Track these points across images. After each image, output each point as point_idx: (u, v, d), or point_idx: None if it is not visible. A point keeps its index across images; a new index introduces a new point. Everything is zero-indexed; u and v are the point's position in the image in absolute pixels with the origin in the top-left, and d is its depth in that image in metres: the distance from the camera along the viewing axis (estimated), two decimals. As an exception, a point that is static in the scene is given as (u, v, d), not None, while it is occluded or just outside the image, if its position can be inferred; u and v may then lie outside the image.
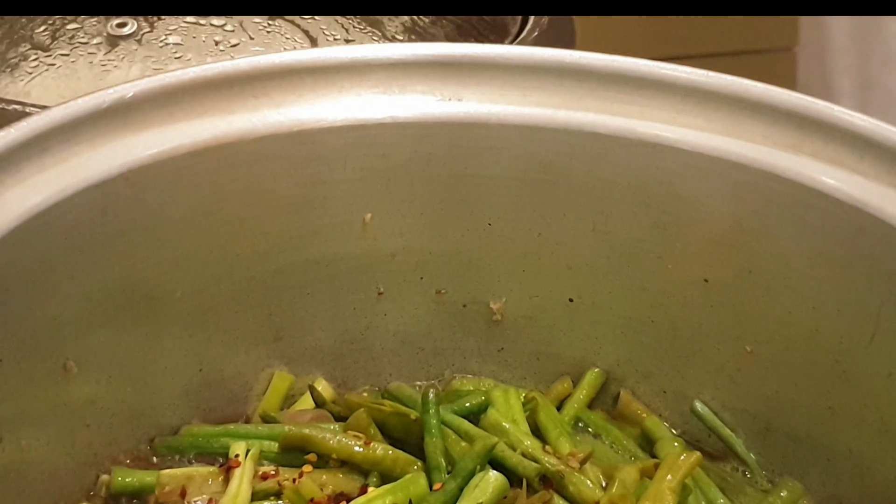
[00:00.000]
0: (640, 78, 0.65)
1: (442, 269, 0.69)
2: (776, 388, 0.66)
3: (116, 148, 0.60)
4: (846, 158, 0.63)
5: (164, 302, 0.64)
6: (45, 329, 0.59)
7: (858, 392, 0.63)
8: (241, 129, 0.63)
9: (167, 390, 0.66)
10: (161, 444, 0.66)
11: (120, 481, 0.62)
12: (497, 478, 0.61)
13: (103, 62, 0.90)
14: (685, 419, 0.69)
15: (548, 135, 0.64)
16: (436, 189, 0.67)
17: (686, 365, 0.69)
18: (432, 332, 0.71)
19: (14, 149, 0.57)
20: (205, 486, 0.62)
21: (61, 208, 0.58)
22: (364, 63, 0.66)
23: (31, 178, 0.58)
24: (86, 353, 0.61)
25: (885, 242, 0.61)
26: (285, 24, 0.93)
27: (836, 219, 0.62)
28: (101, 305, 0.61)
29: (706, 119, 0.65)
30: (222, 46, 0.92)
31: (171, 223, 0.63)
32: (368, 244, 0.68)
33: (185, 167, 0.62)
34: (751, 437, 0.68)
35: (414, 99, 0.66)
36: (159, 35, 0.92)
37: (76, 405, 0.61)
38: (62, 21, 0.91)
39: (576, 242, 0.67)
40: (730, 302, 0.66)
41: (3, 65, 0.88)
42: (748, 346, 0.67)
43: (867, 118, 0.63)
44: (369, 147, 0.65)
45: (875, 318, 0.62)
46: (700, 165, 0.64)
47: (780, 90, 0.64)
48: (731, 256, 0.65)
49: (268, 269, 0.67)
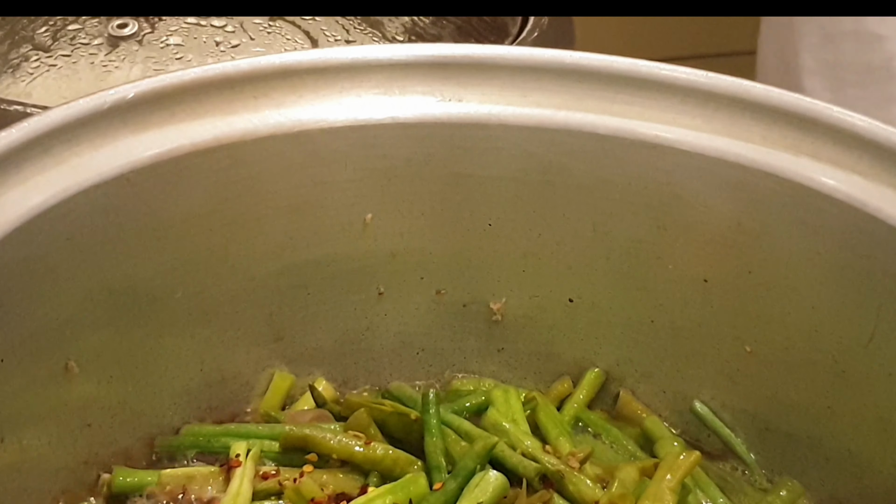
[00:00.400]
0: (639, 78, 0.65)
1: (442, 270, 0.69)
2: (775, 387, 0.66)
3: (117, 148, 0.60)
4: (845, 159, 0.63)
5: (164, 302, 0.64)
6: (47, 329, 0.59)
7: (857, 392, 0.63)
8: (241, 129, 0.63)
9: (168, 390, 0.66)
10: (162, 443, 0.66)
11: (121, 481, 0.63)
12: (497, 477, 0.62)
13: (104, 63, 0.89)
14: (685, 419, 0.70)
15: (548, 135, 0.64)
16: (436, 189, 0.67)
17: (686, 365, 0.69)
18: (432, 332, 0.71)
19: (15, 149, 0.57)
20: (205, 485, 0.62)
21: (62, 208, 0.58)
22: (364, 64, 0.66)
23: (32, 179, 0.58)
24: (87, 352, 0.61)
25: (883, 242, 0.61)
26: (286, 24, 0.93)
27: (835, 219, 0.62)
28: (103, 305, 0.61)
29: (705, 120, 0.65)
30: (223, 47, 0.91)
31: (172, 223, 0.63)
32: (369, 244, 0.68)
33: (186, 168, 0.62)
34: (750, 437, 0.68)
35: (414, 100, 0.66)
36: (160, 36, 0.91)
37: (77, 405, 0.61)
38: (63, 22, 0.91)
39: (576, 242, 0.67)
40: (729, 302, 0.66)
41: (4, 65, 0.88)
42: (748, 346, 0.67)
43: (866, 119, 0.63)
44: (370, 148, 0.66)
45: (874, 318, 0.62)
46: (700, 166, 0.64)
47: (779, 91, 0.64)
48: (731, 257, 0.65)
49: (268, 269, 0.67)
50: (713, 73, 0.65)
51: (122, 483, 0.63)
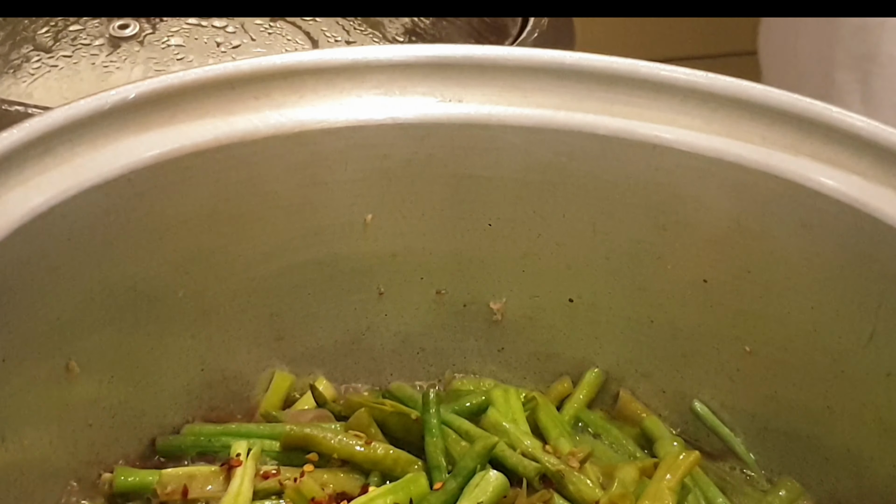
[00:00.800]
0: (639, 79, 0.65)
1: (442, 270, 0.69)
2: (775, 387, 0.66)
3: (119, 149, 0.60)
4: (844, 159, 0.63)
5: (166, 302, 0.64)
6: (48, 329, 0.59)
7: (856, 391, 0.63)
8: (242, 130, 0.63)
9: (169, 390, 0.66)
10: (163, 443, 0.66)
11: (122, 480, 0.63)
12: (497, 477, 0.62)
13: (105, 63, 0.89)
14: (684, 419, 0.70)
15: (548, 135, 0.64)
16: (436, 190, 0.67)
17: (685, 365, 0.69)
18: (433, 332, 0.71)
19: (17, 150, 0.57)
20: (206, 485, 0.62)
21: (64, 209, 0.58)
22: (365, 64, 0.66)
23: (33, 179, 0.58)
24: (88, 352, 0.61)
25: (883, 242, 0.61)
26: (287, 25, 0.93)
27: (834, 219, 0.62)
28: (104, 305, 0.61)
29: (705, 120, 0.65)
30: (224, 48, 0.91)
31: (173, 224, 0.63)
32: (369, 245, 0.68)
33: (186, 168, 0.62)
34: (749, 437, 0.68)
35: (414, 100, 0.66)
36: (161, 36, 0.91)
37: (79, 404, 0.61)
38: (64, 22, 0.91)
39: (576, 242, 0.67)
40: (729, 302, 0.66)
41: (5, 66, 0.88)
42: (747, 346, 0.67)
43: (865, 119, 0.63)
44: (370, 148, 0.66)
45: (873, 317, 0.62)
46: (699, 166, 0.64)
47: (779, 91, 0.64)
48: (730, 257, 0.65)
49: (269, 269, 0.67)
50: (713, 74, 0.65)
51: (123, 483, 0.63)
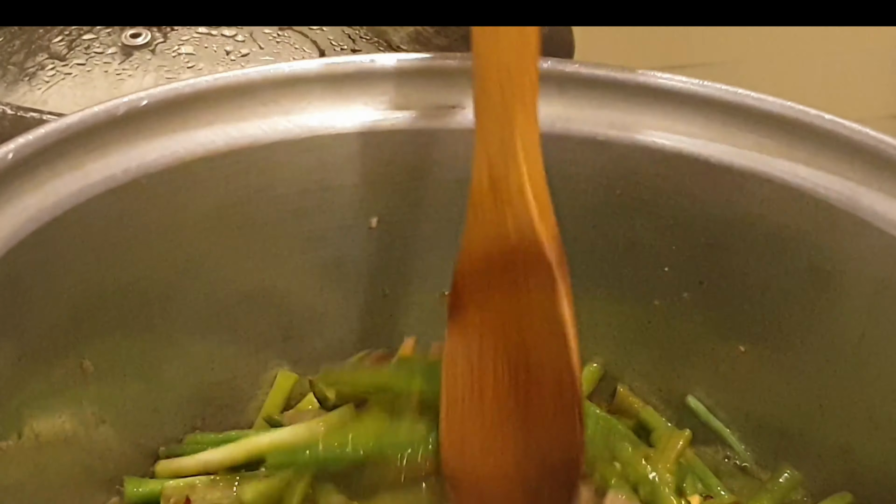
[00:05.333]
0: (636, 86, 0.66)
1: (446, 272, 0.70)
2: (768, 386, 0.67)
3: (131, 154, 0.61)
4: (838, 165, 0.63)
5: (177, 304, 0.65)
6: (63, 329, 0.59)
7: (848, 390, 0.64)
8: (251, 136, 0.64)
9: (179, 389, 0.67)
10: (166, 453, 0.66)
11: (133, 491, 0.63)
12: None
13: (118, 71, 0.90)
14: (680, 416, 0.70)
15: (548, 141, 0.64)
16: (440, 195, 0.68)
17: (681, 364, 0.70)
18: (437, 332, 0.71)
19: (32, 155, 0.58)
20: (207, 494, 0.63)
21: (77, 213, 0.58)
22: (370, 72, 0.66)
23: (48, 184, 0.58)
24: (102, 352, 0.61)
25: (874, 246, 0.61)
26: (294, 34, 0.93)
27: (827, 223, 0.63)
28: (117, 306, 0.62)
29: (701, 127, 0.65)
30: (233, 56, 0.91)
31: (184, 227, 0.63)
32: (374, 247, 0.68)
33: (197, 173, 0.62)
34: (744, 434, 0.69)
35: (419, 107, 0.66)
36: (172, 45, 0.92)
37: (93, 403, 0.62)
38: (78, 31, 0.91)
39: (575, 243, 0.67)
40: (724, 303, 0.67)
41: (21, 74, 0.88)
42: (742, 346, 0.67)
43: (857, 126, 0.63)
44: (376, 154, 0.66)
45: (864, 318, 0.62)
46: (696, 171, 0.65)
47: (773, 99, 0.65)
48: (726, 259, 0.66)
49: (277, 271, 0.67)
50: (708, 82, 0.66)
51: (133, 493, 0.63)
